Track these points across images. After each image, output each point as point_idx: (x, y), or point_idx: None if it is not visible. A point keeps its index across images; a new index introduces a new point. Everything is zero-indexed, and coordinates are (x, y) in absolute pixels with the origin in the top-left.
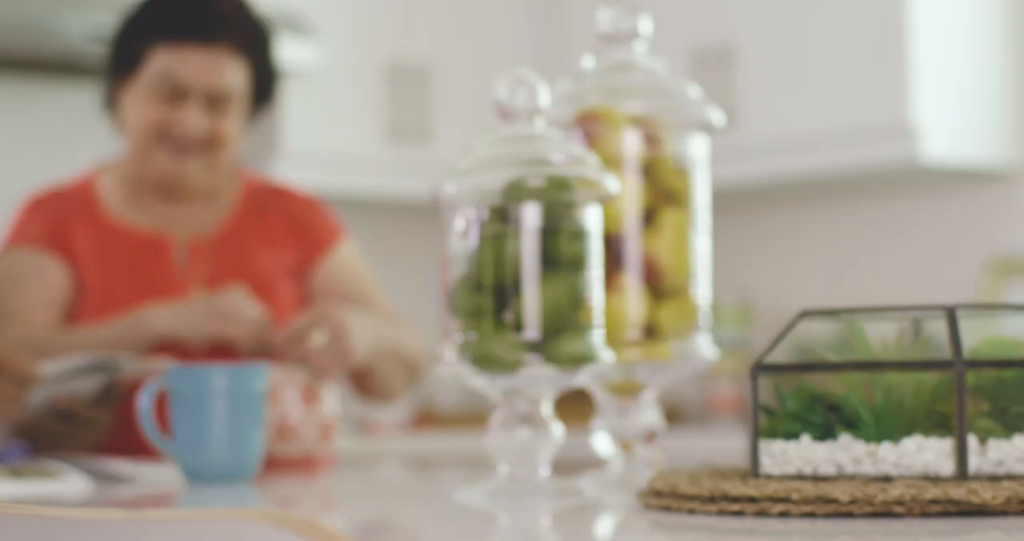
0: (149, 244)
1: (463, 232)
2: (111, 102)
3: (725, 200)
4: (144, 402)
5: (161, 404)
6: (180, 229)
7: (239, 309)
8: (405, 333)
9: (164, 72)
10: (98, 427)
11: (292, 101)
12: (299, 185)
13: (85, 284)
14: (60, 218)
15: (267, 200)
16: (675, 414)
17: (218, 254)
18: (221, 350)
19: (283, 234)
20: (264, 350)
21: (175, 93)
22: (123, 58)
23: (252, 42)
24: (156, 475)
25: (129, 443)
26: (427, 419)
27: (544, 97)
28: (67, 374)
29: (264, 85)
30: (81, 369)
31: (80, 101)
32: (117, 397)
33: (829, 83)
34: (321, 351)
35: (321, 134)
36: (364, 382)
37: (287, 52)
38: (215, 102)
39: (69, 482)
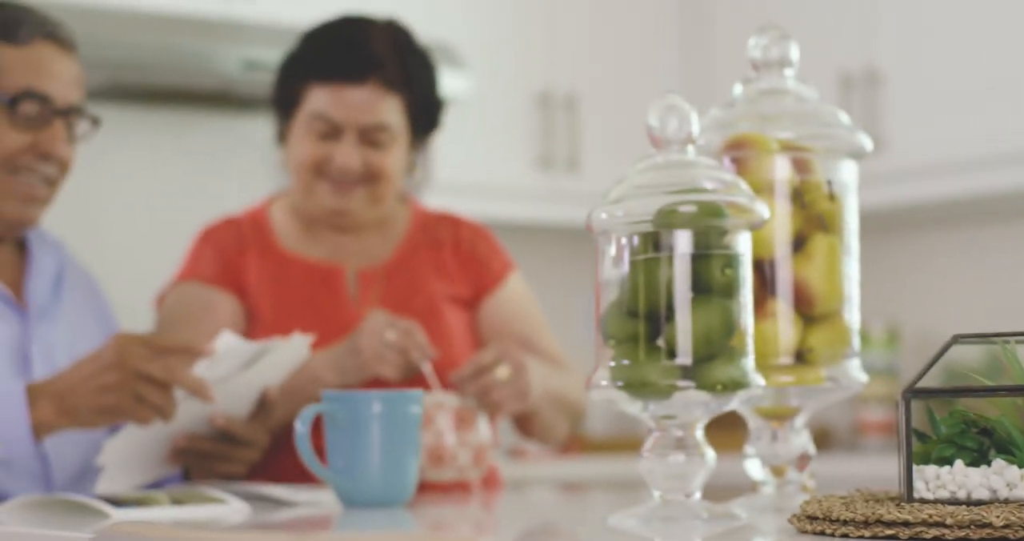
0: (321, 274)
1: (616, 259)
2: (281, 137)
3: (872, 224)
4: (301, 427)
5: (316, 428)
6: (352, 259)
7: (378, 350)
8: (569, 378)
9: (318, 111)
10: (256, 446)
11: (442, 131)
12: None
13: (258, 315)
14: (232, 250)
15: (438, 229)
16: (824, 439)
17: (389, 283)
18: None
19: (454, 264)
20: (406, 365)
21: (330, 131)
22: (283, 97)
23: (406, 77)
24: (312, 499)
25: (285, 467)
26: (576, 444)
27: (695, 124)
28: (230, 371)
29: (424, 116)
30: (239, 366)
31: (234, 131)
32: (271, 415)
33: (976, 106)
34: (503, 386)
35: (470, 163)
36: (527, 425)
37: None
38: (370, 138)
39: (228, 506)
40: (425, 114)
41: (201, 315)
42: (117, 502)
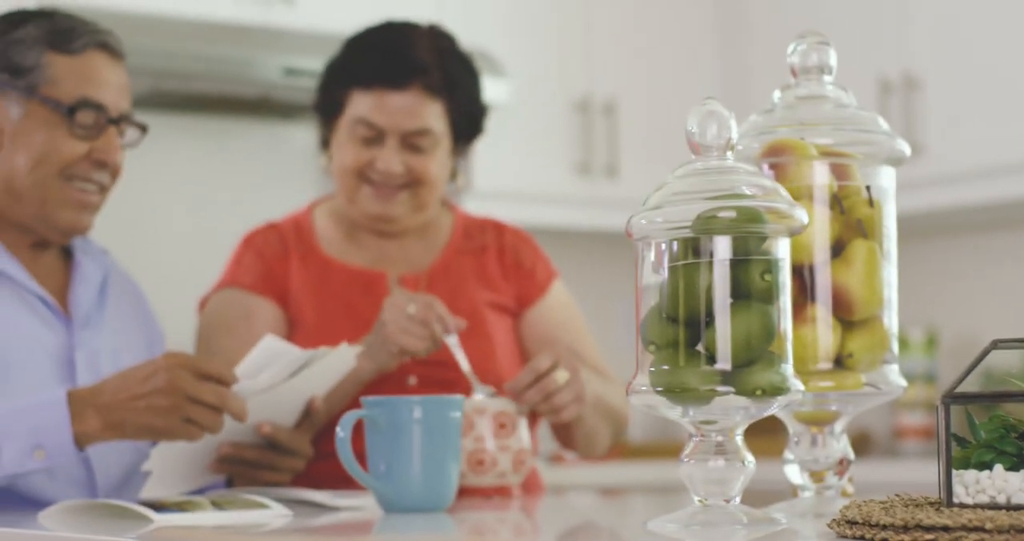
0: (364, 280)
1: (655, 264)
2: (324, 144)
3: (910, 229)
4: (342, 432)
5: (357, 432)
6: (394, 265)
7: (401, 322)
8: (612, 387)
9: (361, 116)
10: (300, 455)
11: (482, 137)
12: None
13: (300, 321)
14: (274, 255)
15: (482, 235)
16: (863, 443)
17: (431, 288)
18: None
19: (498, 271)
20: (429, 339)
21: (373, 136)
22: (326, 102)
23: (448, 83)
24: (353, 504)
25: (326, 472)
26: (615, 450)
27: (734, 130)
28: (276, 379)
29: (466, 121)
30: (286, 375)
31: (274, 138)
32: (316, 424)
33: (1013, 111)
34: (562, 391)
35: (509, 170)
36: (569, 436)
37: None
38: (412, 143)
39: (269, 511)
40: (467, 120)
41: (241, 322)
42: (159, 507)
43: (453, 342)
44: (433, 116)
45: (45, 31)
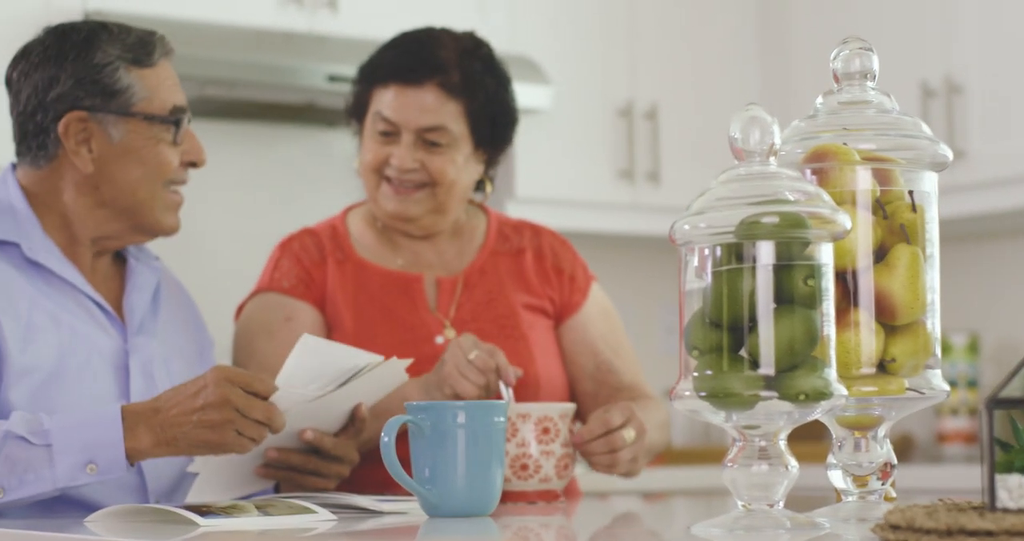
0: (400, 282)
1: (698, 270)
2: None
3: (951, 234)
4: (386, 437)
5: (402, 437)
6: (430, 267)
7: (460, 366)
8: (653, 416)
9: (378, 112)
10: (346, 461)
11: (521, 144)
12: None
13: (339, 325)
14: (311, 260)
15: (518, 237)
16: (906, 448)
17: (467, 290)
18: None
19: (536, 273)
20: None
21: (390, 131)
22: (355, 103)
23: (468, 83)
24: (397, 508)
25: (371, 477)
26: (657, 455)
27: (777, 136)
28: (325, 388)
29: (487, 125)
30: (329, 392)
31: (319, 145)
32: (362, 431)
33: None
34: (626, 448)
35: (552, 176)
36: None
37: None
38: (427, 140)
39: (314, 515)
40: (489, 123)
41: (282, 325)
42: (205, 511)
43: (508, 396)
44: (449, 115)
45: (121, 49)
